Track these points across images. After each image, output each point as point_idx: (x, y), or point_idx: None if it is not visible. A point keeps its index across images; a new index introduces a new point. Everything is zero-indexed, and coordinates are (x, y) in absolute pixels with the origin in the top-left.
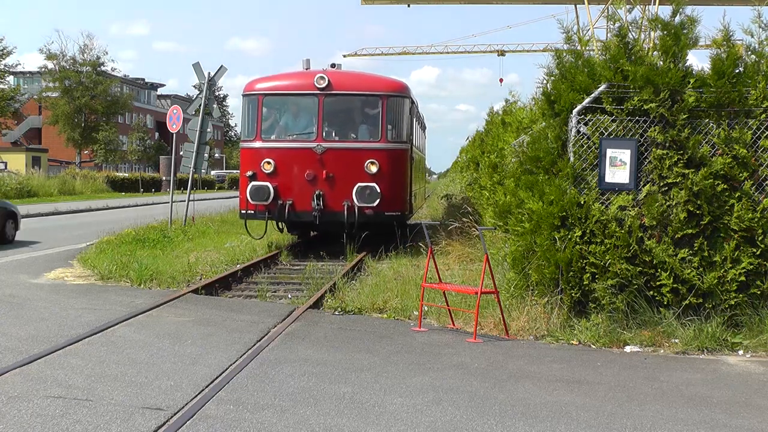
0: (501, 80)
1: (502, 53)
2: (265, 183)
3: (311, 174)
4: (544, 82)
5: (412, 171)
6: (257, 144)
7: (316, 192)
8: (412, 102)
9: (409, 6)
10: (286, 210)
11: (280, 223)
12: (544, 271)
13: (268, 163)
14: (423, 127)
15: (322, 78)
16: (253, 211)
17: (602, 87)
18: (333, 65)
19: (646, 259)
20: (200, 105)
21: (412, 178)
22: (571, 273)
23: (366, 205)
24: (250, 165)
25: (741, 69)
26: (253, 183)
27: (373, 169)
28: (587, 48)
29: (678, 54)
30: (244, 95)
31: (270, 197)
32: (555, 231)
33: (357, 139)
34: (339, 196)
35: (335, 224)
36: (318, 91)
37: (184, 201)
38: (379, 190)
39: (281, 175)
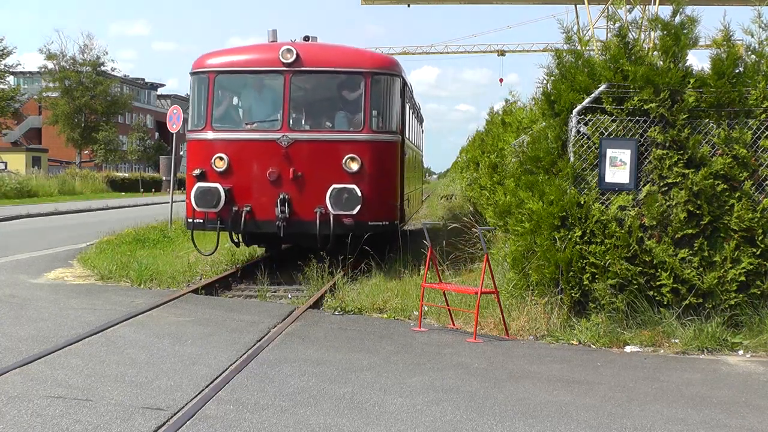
0: (501, 80)
1: (502, 53)
2: (215, 184)
3: (275, 173)
4: (544, 82)
5: (404, 169)
6: (207, 135)
7: (281, 196)
8: (405, 83)
9: (409, 6)
10: (242, 218)
11: (236, 235)
12: (544, 271)
13: (221, 159)
14: (419, 119)
15: (289, 51)
16: (201, 220)
17: (602, 87)
18: (306, 38)
19: (646, 259)
20: None
21: (405, 179)
22: (571, 273)
23: (343, 212)
24: (198, 161)
25: (741, 69)
26: (200, 184)
27: (354, 166)
28: (587, 48)
29: (678, 54)
30: (192, 74)
31: (220, 202)
32: (555, 231)
33: (333, 128)
34: (310, 201)
35: (305, 237)
36: (284, 68)
37: (184, 201)
38: (360, 194)
39: (237, 175)
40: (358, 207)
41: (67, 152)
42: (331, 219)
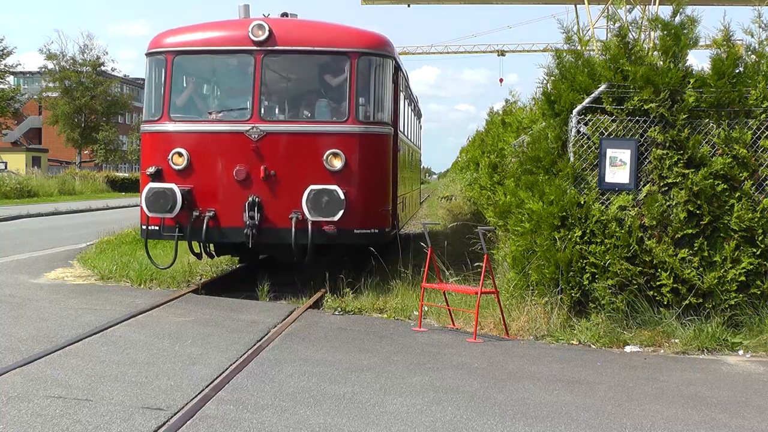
0: (501, 80)
1: (502, 53)
2: (169, 185)
3: (243, 171)
4: (544, 82)
5: (397, 167)
6: (164, 126)
7: (250, 198)
8: (398, 67)
9: (409, 6)
10: (205, 225)
11: (199, 244)
12: (544, 271)
13: (179, 154)
14: (416, 112)
15: (260, 27)
16: (156, 227)
17: (602, 87)
18: (284, 14)
19: (646, 259)
20: None
21: (398, 179)
22: (571, 273)
23: (323, 218)
24: (153, 158)
25: (741, 69)
26: (152, 185)
27: (337, 163)
28: (587, 48)
29: (678, 54)
30: (147, 54)
31: (176, 206)
32: (555, 231)
33: (313, 118)
34: (284, 204)
35: (279, 248)
36: (254, 47)
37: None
38: (342, 197)
39: (198, 173)
40: (341, 212)
41: (67, 152)
42: (309, 226)
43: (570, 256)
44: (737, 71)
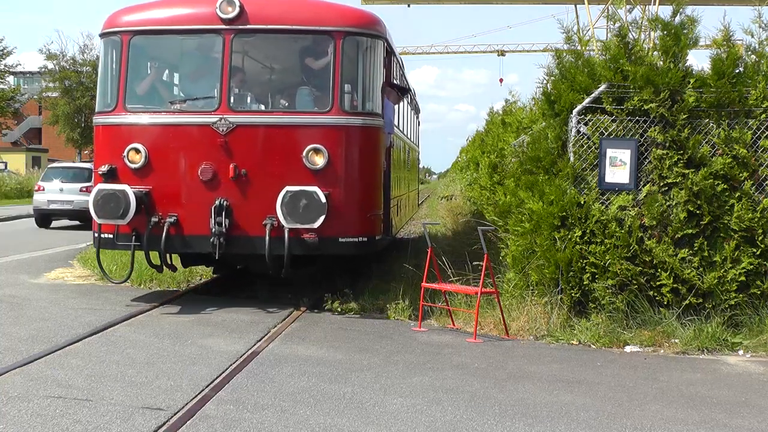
0: (501, 80)
1: (502, 53)
2: (121, 186)
3: (209, 170)
4: (544, 82)
5: (390, 166)
6: (119, 118)
7: (218, 202)
8: (391, 50)
9: (409, 6)
10: (164, 233)
11: (159, 255)
12: (544, 271)
13: (136, 151)
14: (414, 106)
15: (229, 3)
16: (110, 235)
17: (602, 87)
18: None
19: (646, 259)
20: None
21: (392, 179)
22: (571, 273)
23: (302, 225)
24: (107, 154)
25: (741, 69)
26: (101, 187)
27: (318, 161)
28: (587, 48)
29: (678, 54)
30: (102, 36)
31: (129, 211)
32: (555, 231)
33: (290, 108)
34: (257, 208)
35: (252, 258)
36: (223, 26)
37: None
38: (324, 200)
39: (158, 173)
40: (322, 218)
41: (67, 152)
42: (286, 234)
43: (570, 256)
44: (737, 71)
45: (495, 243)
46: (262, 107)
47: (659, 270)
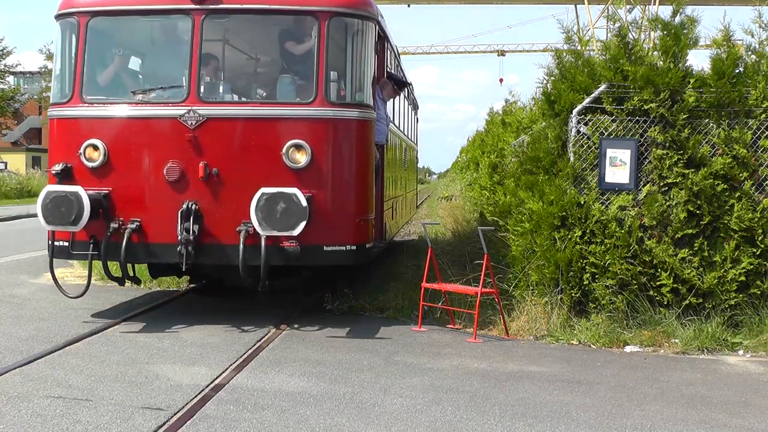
0: (501, 80)
1: (502, 53)
2: (74, 188)
3: (176, 169)
4: (544, 82)
5: (384, 164)
6: (75, 111)
7: (186, 205)
8: (384, 35)
9: (409, 6)
10: (125, 240)
11: (121, 265)
12: (544, 271)
13: (94, 147)
14: (411, 101)
15: None
16: (65, 243)
17: (602, 87)
18: None
19: (646, 259)
20: None
21: (385, 178)
22: (571, 273)
23: (279, 232)
24: (62, 152)
25: (741, 69)
26: (50, 189)
27: (301, 158)
28: (587, 48)
29: (678, 54)
30: (57, 17)
31: (83, 216)
32: (555, 231)
33: (269, 99)
34: (231, 213)
35: (225, 269)
36: (192, 5)
37: None
38: (305, 203)
39: (118, 172)
40: (303, 224)
41: None
42: (262, 243)
43: (570, 256)
44: (737, 71)
45: (495, 243)
46: (237, 98)
47: (659, 270)
